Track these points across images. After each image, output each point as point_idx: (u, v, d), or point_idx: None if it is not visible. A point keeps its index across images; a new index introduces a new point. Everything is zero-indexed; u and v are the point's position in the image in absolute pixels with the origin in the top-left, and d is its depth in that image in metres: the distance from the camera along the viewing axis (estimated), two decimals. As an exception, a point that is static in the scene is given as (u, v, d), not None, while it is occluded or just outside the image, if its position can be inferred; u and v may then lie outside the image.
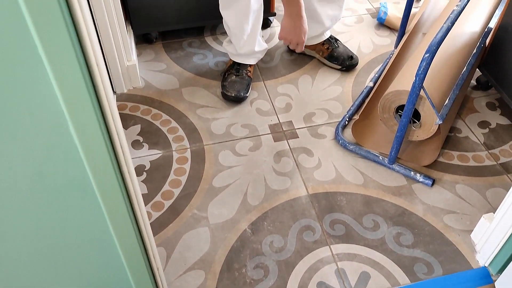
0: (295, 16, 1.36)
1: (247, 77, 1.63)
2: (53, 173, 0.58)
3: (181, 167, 1.42)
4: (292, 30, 1.38)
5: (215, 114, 1.58)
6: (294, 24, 1.38)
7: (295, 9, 1.35)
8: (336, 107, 1.61)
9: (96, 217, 0.66)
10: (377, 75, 1.69)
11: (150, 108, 1.60)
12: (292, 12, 1.36)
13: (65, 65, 0.45)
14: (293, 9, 1.35)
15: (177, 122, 1.55)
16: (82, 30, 0.46)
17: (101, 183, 0.61)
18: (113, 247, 0.74)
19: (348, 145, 1.45)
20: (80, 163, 0.57)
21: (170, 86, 1.68)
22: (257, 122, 1.55)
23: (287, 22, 1.39)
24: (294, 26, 1.38)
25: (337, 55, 1.72)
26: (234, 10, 1.46)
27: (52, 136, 0.53)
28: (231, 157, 1.44)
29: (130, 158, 0.63)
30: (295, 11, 1.35)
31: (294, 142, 1.49)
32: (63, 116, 0.51)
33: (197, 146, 1.48)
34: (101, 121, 0.55)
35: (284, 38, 1.44)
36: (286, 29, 1.40)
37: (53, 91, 0.48)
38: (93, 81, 0.51)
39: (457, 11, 1.20)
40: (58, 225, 0.67)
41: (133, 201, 0.67)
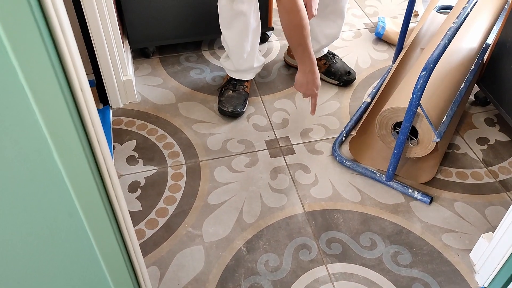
0: (308, 72, 1.39)
1: (244, 92, 1.62)
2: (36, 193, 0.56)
3: (176, 183, 1.40)
4: (305, 84, 1.42)
5: (211, 130, 1.57)
6: (307, 80, 1.41)
7: (308, 67, 1.38)
8: (334, 123, 1.59)
9: (83, 244, 0.64)
10: (374, 90, 1.68)
11: (145, 123, 1.59)
12: (305, 69, 1.39)
13: (48, 95, 0.44)
14: (305, 67, 1.39)
15: (173, 137, 1.54)
16: (65, 59, 0.44)
17: (87, 208, 0.59)
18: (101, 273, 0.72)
19: (345, 162, 1.44)
20: (65, 188, 0.55)
21: (166, 101, 1.67)
22: (254, 138, 1.54)
23: (300, 77, 1.42)
24: (307, 81, 1.41)
25: (334, 71, 1.72)
26: (235, 30, 1.46)
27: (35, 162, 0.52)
28: (227, 174, 1.43)
29: (118, 182, 0.61)
30: (308, 68, 1.39)
31: (290, 158, 1.47)
32: (46, 142, 0.50)
33: (192, 162, 1.46)
34: (86, 146, 0.53)
35: (298, 90, 1.48)
36: (299, 83, 1.43)
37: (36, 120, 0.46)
38: (79, 110, 0.49)
39: (454, 28, 1.20)
40: (43, 246, 0.66)
41: (122, 230, 0.65)
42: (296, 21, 1.28)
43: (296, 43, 1.35)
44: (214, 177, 1.42)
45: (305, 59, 1.38)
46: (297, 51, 1.38)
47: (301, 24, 1.28)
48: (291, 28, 1.31)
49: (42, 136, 0.49)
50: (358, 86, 1.74)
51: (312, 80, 1.41)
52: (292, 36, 1.34)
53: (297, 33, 1.32)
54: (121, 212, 0.66)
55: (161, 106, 1.65)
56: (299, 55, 1.38)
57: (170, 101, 1.67)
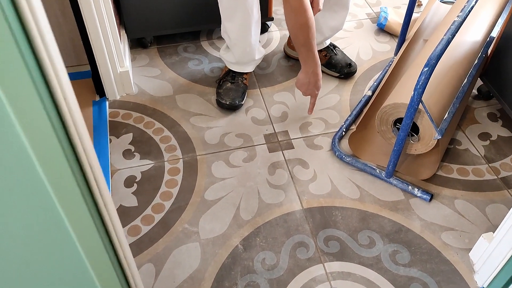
0: (310, 73, 1.39)
1: (243, 84, 1.59)
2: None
3: (172, 178, 1.38)
4: (306, 84, 1.43)
5: (209, 123, 1.54)
6: (309, 81, 1.42)
7: (311, 68, 1.38)
8: (333, 117, 1.57)
9: (71, 254, 0.62)
10: (375, 83, 1.65)
11: (142, 115, 1.57)
12: (308, 70, 1.39)
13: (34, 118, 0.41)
14: (309, 68, 1.38)
15: (170, 130, 1.52)
16: (46, 67, 0.42)
17: (73, 218, 0.57)
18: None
19: (345, 157, 1.42)
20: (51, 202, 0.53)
21: (164, 93, 1.65)
22: (252, 132, 1.51)
23: (303, 77, 1.42)
24: (309, 82, 1.42)
25: (335, 63, 1.68)
26: (237, 22, 1.42)
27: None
28: (224, 169, 1.41)
29: (111, 200, 0.59)
30: (311, 70, 1.38)
31: (289, 153, 1.45)
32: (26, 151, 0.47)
33: (189, 157, 1.44)
34: (71, 159, 0.51)
35: (299, 89, 1.48)
36: (300, 83, 1.44)
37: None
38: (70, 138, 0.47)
39: (458, 22, 1.16)
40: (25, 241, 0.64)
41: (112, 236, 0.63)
42: (303, 21, 1.25)
43: (301, 43, 1.32)
44: (212, 172, 1.40)
45: (309, 60, 1.36)
46: (301, 52, 1.35)
47: (307, 24, 1.25)
48: (297, 28, 1.28)
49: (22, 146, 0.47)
50: (359, 78, 1.70)
51: (314, 82, 1.41)
52: (298, 37, 1.31)
53: (302, 34, 1.29)
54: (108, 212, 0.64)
55: (159, 98, 1.63)
56: (303, 56, 1.36)
57: (167, 93, 1.65)
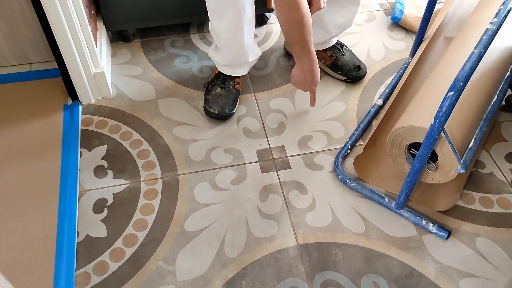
0: (307, 71, 1.23)
1: (235, 90, 1.39)
2: None
3: (149, 203, 1.20)
4: (303, 82, 1.27)
5: (195, 134, 1.35)
6: (305, 78, 1.25)
7: (306, 65, 1.21)
8: (338, 130, 1.36)
9: None
10: (387, 90, 1.44)
11: (119, 124, 1.37)
12: (303, 67, 1.22)
13: None
14: (304, 65, 1.21)
15: (149, 143, 1.32)
16: None
17: None
18: None
19: (349, 182, 1.22)
20: None
21: (145, 96, 1.45)
22: (244, 146, 1.32)
23: (298, 74, 1.25)
24: (305, 80, 1.25)
25: (341, 64, 1.47)
26: (227, 21, 1.21)
27: None
28: (209, 192, 1.22)
29: None
30: (307, 67, 1.21)
31: (285, 174, 1.26)
32: None
33: (170, 176, 1.25)
34: None
35: (295, 86, 1.32)
36: (296, 80, 1.28)
37: None
38: None
39: (492, 31, 0.94)
40: None
41: None
42: (296, 18, 1.04)
43: (295, 40, 1.12)
44: (194, 196, 1.21)
45: (304, 57, 1.18)
46: (295, 48, 1.15)
47: (301, 21, 1.04)
48: (289, 25, 1.08)
49: None
50: (369, 83, 1.49)
51: (310, 79, 1.25)
52: (291, 34, 1.10)
53: (296, 31, 1.08)
54: None
55: (139, 103, 1.43)
56: (298, 53, 1.17)
57: (149, 97, 1.45)
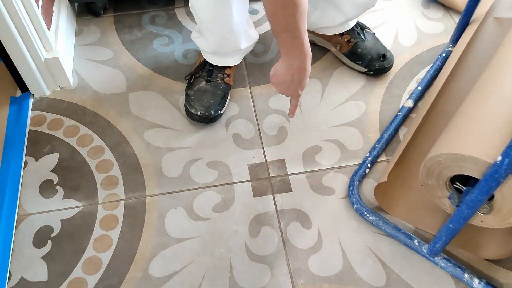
0: (296, 68, 0.85)
1: (224, 84, 1.09)
2: None
3: (106, 235, 0.93)
4: (288, 82, 0.89)
5: (171, 141, 1.06)
6: (292, 78, 0.87)
7: (296, 61, 0.84)
8: (354, 140, 1.06)
9: None
10: (420, 88, 1.12)
11: (78, 125, 1.09)
12: (291, 63, 0.85)
13: None
14: (292, 61, 0.84)
15: (113, 151, 1.04)
16: None
17: None
18: None
19: (367, 214, 0.93)
20: None
21: (113, 89, 1.15)
22: (233, 159, 1.03)
23: (283, 72, 0.88)
24: (291, 79, 0.88)
25: (362, 52, 1.15)
26: None
27: None
28: (185, 221, 0.94)
29: None
30: (297, 63, 0.85)
31: (284, 199, 0.97)
32: None
33: (135, 198, 0.97)
34: None
35: (274, 86, 0.94)
36: (278, 78, 0.90)
37: None
38: None
39: None
40: None
41: None
42: None
43: (282, 27, 0.78)
44: (165, 227, 0.93)
45: (294, 50, 0.82)
46: (282, 38, 0.80)
47: (293, 1, 0.72)
48: (275, 4, 0.74)
49: None
50: (396, 77, 1.17)
51: (298, 80, 0.88)
52: (277, 18, 0.77)
53: (285, 14, 0.75)
54: None
55: (105, 97, 1.14)
56: (285, 44, 0.82)
57: (118, 89, 1.15)
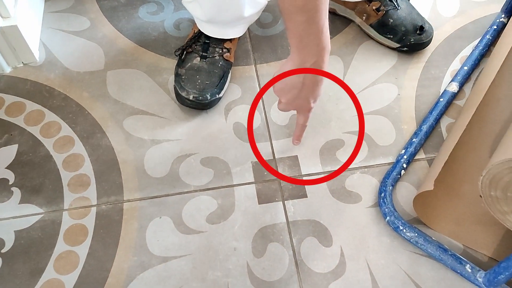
0: (309, 67, 0.62)
1: (223, 61, 0.88)
2: None
3: (71, 251, 0.73)
4: (296, 90, 0.66)
5: (157, 132, 0.85)
6: (303, 82, 0.64)
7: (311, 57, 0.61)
8: (385, 132, 0.85)
9: None
10: (466, 67, 0.91)
11: (43, 109, 0.88)
12: (304, 61, 0.61)
13: None
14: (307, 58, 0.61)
15: (85, 144, 0.84)
16: None
17: None
18: None
19: (403, 229, 0.73)
20: None
21: (88, 65, 0.94)
22: (233, 156, 0.83)
23: (290, 72, 0.64)
24: (302, 85, 0.65)
25: (394, 24, 0.93)
26: None
27: None
28: (171, 235, 0.74)
29: None
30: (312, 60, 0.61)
31: (297, 207, 0.77)
32: None
33: (110, 203, 0.77)
34: None
35: (277, 94, 0.71)
36: (284, 83, 0.66)
37: None
38: None
39: None
40: None
41: None
42: None
43: (296, 5, 0.55)
44: (146, 242, 0.74)
45: (308, 41, 0.59)
46: (294, 23, 0.58)
47: None
48: None
49: None
50: (435, 54, 0.96)
51: (310, 86, 0.65)
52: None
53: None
54: None
55: (78, 76, 0.93)
56: (297, 32, 0.59)
57: (94, 66, 0.94)
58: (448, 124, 0.85)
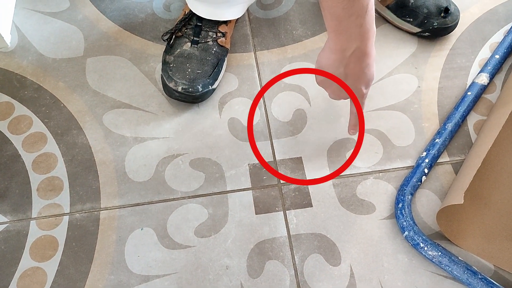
0: (351, 55, 0.54)
1: (217, 47, 0.76)
2: None
3: (38, 267, 0.63)
4: (340, 77, 0.58)
5: (141, 128, 0.75)
6: (345, 70, 0.57)
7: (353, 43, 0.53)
8: (403, 130, 0.74)
9: None
10: (498, 56, 0.79)
11: (12, 101, 0.78)
12: (345, 47, 0.53)
13: None
14: (348, 43, 0.53)
15: (58, 141, 0.74)
16: None
17: None
18: None
19: (424, 246, 0.62)
20: None
21: (66, 51, 0.84)
22: (228, 157, 0.72)
23: (330, 60, 0.56)
24: (345, 73, 0.57)
25: (415, 5, 0.81)
26: None
27: None
28: (154, 250, 0.64)
29: None
30: (353, 47, 0.53)
31: (300, 218, 0.66)
32: None
33: (85, 212, 0.67)
34: None
35: (321, 86, 0.63)
36: (326, 73, 0.58)
37: None
38: None
39: None
40: None
41: None
42: None
43: None
44: (124, 258, 0.64)
45: (350, 23, 0.50)
46: (332, 3, 0.48)
47: None
48: None
49: None
50: (461, 40, 0.84)
51: (357, 71, 0.56)
52: None
53: None
54: None
55: (54, 63, 0.82)
56: (336, 13, 0.49)
57: (73, 52, 0.83)
58: (477, 122, 0.74)
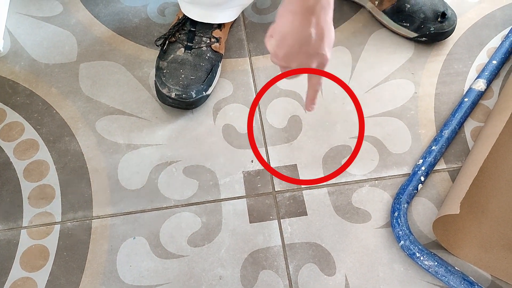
0: (312, 6, 0.45)
1: (211, 52, 0.75)
2: None
3: (28, 278, 0.62)
4: (298, 41, 0.48)
5: (134, 135, 0.74)
6: (308, 32, 0.47)
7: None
8: (399, 137, 0.73)
9: None
10: (496, 62, 0.78)
11: (4, 108, 0.77)
12: (305, 4, 0.45)
13: None
14: None
15: (50, 149, 0.73)
16: None
17: None
18: None
19: (421, 256, 0.61)
20: None
21: (59, 56, 0.83)
22: (222, 164, 0.71)
23: (288, 17, 0.47)
24: (306, 32, 0.47)
25: (411, 10, 0.80)
26: None
27: None
28: (147, 259, 0.63)
29: None
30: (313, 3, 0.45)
31: (295, 226, 0.66)
32: None
33: (77, 220, 0.66)
34: None
35: (275, 57, 0.52)
36: (282, 34, 0.48)
37: None
38: None
39: None
40: None
41: None
42: None
43: None
44: (116, 268, 0.63)
45: None
46: None
47: None
48: None
49: None
50: (458, 45, 0.83)
51: (320, 30, 0.47)
52: None
53: None
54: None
55: (46, 69, 0.81)
56: None
57: (66, 57, 0.82)
58: (474, 129, 0.73)
